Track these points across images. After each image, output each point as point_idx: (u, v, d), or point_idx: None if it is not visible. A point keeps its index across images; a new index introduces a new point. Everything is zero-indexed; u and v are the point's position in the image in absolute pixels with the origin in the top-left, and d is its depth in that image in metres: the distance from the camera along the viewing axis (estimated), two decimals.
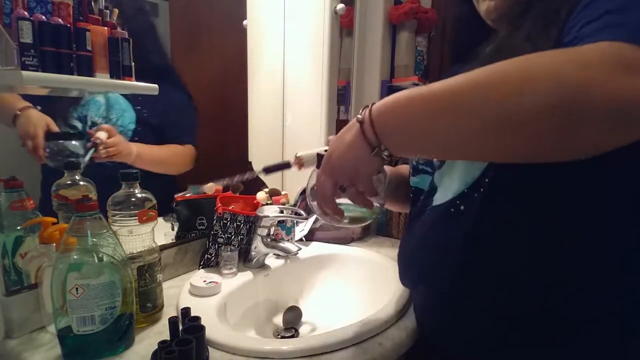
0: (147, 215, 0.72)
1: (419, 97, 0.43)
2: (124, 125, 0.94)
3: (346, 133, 0.48)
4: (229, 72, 1.31)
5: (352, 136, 0.47)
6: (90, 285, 0.60)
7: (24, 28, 0.65)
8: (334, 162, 0.49)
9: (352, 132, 0.47)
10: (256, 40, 1.25)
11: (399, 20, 1.38)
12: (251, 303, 0.93)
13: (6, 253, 0.73)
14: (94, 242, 0.61)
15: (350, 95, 1.38)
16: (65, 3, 0.71)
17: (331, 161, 0.49)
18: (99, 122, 0.89)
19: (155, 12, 1.08)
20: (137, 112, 0.96)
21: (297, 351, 0.66)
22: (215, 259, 0.97)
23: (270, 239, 0.99)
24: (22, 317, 0.69)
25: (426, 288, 0.65)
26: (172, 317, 0.60)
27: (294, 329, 0.91)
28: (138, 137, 0.96)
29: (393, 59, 1.46)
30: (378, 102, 0.46)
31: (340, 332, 0.70)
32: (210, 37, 1.28)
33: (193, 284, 0.85)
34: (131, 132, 0.95)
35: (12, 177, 0.74)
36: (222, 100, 1.32)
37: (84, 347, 0.62)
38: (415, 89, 0.43)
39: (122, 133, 0.93)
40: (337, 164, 0.49)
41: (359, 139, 0.46)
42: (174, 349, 0.55)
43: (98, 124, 0.89)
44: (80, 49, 0.72)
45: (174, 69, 1.10)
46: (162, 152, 1.03)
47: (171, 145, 1.05)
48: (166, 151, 1.04)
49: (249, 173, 0.57)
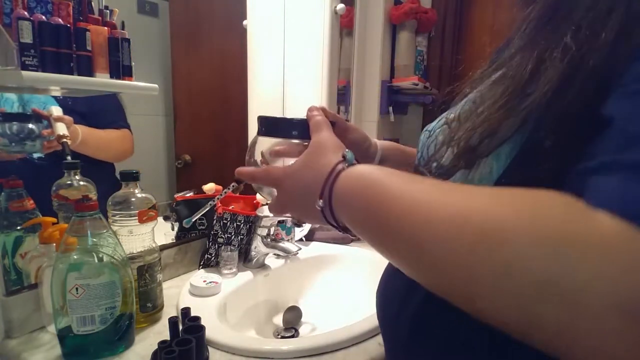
0: (147, 215, 0.72)
1: (383, 208, 0.32)
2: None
3: (304, 201, 0.42)
4: (229, 72, 1.31)
5: (311, 211, 0.41)
6: (90, 285, 0.60)
7: (24, 28, 0.65)
8: (288, 211, 0.46)
9: (313, 213, 0.41)
10: (256, 40, 1.25)
11: (399, 20, 1.38)
12: (251, 303, 0.93)
13: (6, 253, 0.73)
14: (94, 242, 0.61)
15: (350, 95, 1.38)
16: (65, 3, 0.71)
17: (285, 210, 0.46)
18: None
19: (155, 12, 1.08)
20: (59, 101, 0.89)
21: (297, 351, 0.66)
22: (215, 259, 0.97)
23: (270, 239, 0.99)
24: (22, 317, 0.69)
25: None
26: (172, 317, 0.61)
27: (294, 329, 0.91)
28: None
29: (393, 59, 1.46)
30: (343, 188, 0.37)
31: (340, 332, 0.70)
32: (210, 37, 1.28)
33: (193, 284, 0.85)
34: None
35: (13, 177, 0.74)
36: (222, 100, 1.32)
37: (84, 347, 0.62)
38: (383, 185, 0.33)
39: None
40: (291, 213, 0.46)
41: (318, 216, 0.41)
42: (174, 349, 0.55)
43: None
44: (80, 49, 0.72)
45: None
46: (106, 136, 0.98)
47: (111, 130, 1.00)
48: (109, 135, 0.99)
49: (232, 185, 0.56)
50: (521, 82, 0.34)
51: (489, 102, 0.37)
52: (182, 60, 1.17)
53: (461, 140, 0.37)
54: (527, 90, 0.33)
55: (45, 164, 0.83)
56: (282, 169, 0.45)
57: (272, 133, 0.51)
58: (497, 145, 0.34)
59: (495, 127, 0.34)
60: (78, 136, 0.88)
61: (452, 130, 0.42)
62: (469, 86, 0.53)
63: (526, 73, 0.34)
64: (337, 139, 0.45)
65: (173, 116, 1.17)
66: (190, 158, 1.21)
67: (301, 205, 0.44)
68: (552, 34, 0.33)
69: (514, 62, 0.37)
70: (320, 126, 0.46)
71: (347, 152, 0.40)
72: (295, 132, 0.49)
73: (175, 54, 1.14)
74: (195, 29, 1.24)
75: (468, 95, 0.48)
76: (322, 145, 0.44)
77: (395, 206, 0.31)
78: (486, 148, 0.35)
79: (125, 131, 1.03)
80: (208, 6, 1.26)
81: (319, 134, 0.45)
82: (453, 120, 0.46)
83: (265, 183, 0.48)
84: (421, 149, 0.52)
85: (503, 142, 0.33)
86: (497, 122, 0.34)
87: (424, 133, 0.53)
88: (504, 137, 0.33)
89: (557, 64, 0.31)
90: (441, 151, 0.45)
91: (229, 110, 1.33)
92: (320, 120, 0.47)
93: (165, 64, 1.14)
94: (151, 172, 1.12)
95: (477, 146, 0.35)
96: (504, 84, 0.36)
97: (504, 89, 0.35)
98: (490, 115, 0.35)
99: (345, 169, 0.38)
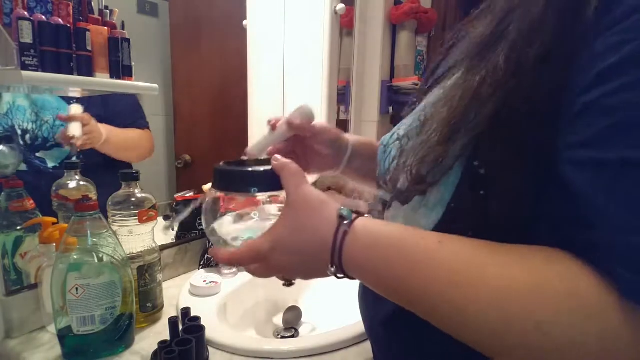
0: (147, 215, 0.72)
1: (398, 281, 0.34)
2: (63, 124, 0.86)
3: (303, 266, 0.40)
4: (229, 72, 1.31)
5: (314, 273, 0.40)
6: (90, 285, 0.60)
7: (24, 28, 0.65)
8: (282, 272, 0.42)
9: (316, 274, 0.40)
10: (256, 40, 1.25)
11: (399, 20, 1.38)
12: (251, 303, 0.93)
13: (6, 253, 0.73)
14: (94, 242, 0.61)
15: (350, 95, 1.38)
16: (65, 3, 0.71)
17: (275, 275, 0.43)
18: (30, 129, 0.82)
19: (155, 12, 1.08)
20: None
21: (297, 351, 0.66)
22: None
23: None
24: (22, 317, 0.69)
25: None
26: (172, 317, 0.61)
27: (294, 329, 0.91)
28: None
29: (393, 59, 1.46)
30: (354, 251, 0.36)
31: (340, 332, 0.70)
32: (210, 37, 1.28)
33: (193, 284, 0.85)
34: None
35: (13, 177, 0.74)
36: (222, 100, 1.32)
37: (84, 347, 0.62)
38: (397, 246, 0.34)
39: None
40: (286, 273, 0.43)
41: (323, 275, 0.39)
42: (174, 349, 0.55)
43: (30, 131, 0.82)
44: (80, 49, 0.72)
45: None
46: (130, 135, 0.97)
47: (133, 129, 0.99)
48: (132, 134, 0.99)
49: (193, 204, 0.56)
50: (459, 110, 0.35)
51: (433, 127, 0.38)
52: (182, 60, 1.17)
53: (412, 169, 0.38)
54: (467, 117, 0.34)
55: (60, 173, 0.82)
56: (265, 242, 0.39)
57: (228, 189, 0.44)
58: (442, 175, 0.36)
59: (439, 156, 0.36)
60: (101, 135, 0.87)
61: (404, 152, 0.44)
62: (418, 98, 0.54)
63: (463, 101, 0.35)
64: (318, 192, 0.40)
65: (173, 116, 1.18)
66: (190, 158, 1.21)
67: (300, 271, 0.41)
68: (487, 57, 0.34)
69: (451, 83, 0.39)
70: (295, 178, 0.41)
71: (342, 209, 0.38)
72: (254, 189, 0.42)
73: (175, 54, 1.14)
74: (195, 29, 1.24)
75: (415, 108, 0.49)
76: (308, 204, 0.39)
77: (420, 272, 0.33)
78: (433, 178, 0.36)
79: (147, 131, 1.02)
80: (208, 6, 1.26)
81: (297, 189, 0.40)
82: (403, 137, 0.47)
83: (250, 262, 0.41)
84: (379, 162, 0.53)
85: (447, 171, 0.35)
86: (441, 152, 0.36)
87: (380, 147, 0.53)
88: (448, 167, 0.35)
89: (489, 92, 0.32)
90: (395, 172, 0.46)
91: (229, 110, 1.33)
92: (294, 170, 0.41)
93: (165, 64, 1.14)
94: (151, 172, 1.12)
95: (426, 175, 0.37)
96: (447, 107, 0.37)
97: (446, 116, 0.36)
98: (435, 145, 0.36)
99: (348, 230, 0.36)
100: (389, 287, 0.36)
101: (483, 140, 0.33)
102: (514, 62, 0.31)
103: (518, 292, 0.29)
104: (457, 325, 0.32)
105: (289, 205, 0.40)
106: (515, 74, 0.31)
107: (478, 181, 0.33)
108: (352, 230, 0.36)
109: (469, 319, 0.30)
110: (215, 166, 0.45)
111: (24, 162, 0.80)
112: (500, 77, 0.32)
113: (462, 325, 0.31)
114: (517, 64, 0.31)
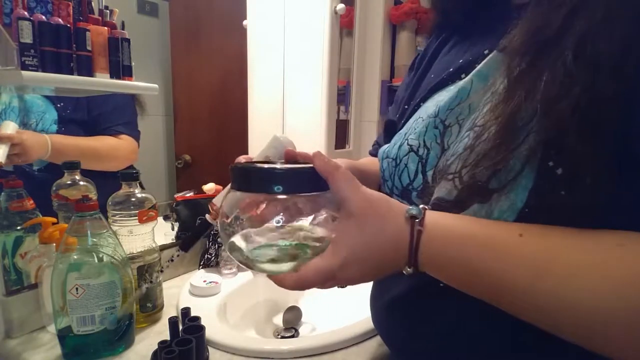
0: (147, 215, 0.72)
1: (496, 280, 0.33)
2: (44, 128, 0.84)
3: (377, 271, 0.38)
4: (229, 72, 1.31)
5: (385, 274, 0.38)
6: (90, 285, 0.60)
7: (24, 28, 0.65)
8: (351, 283, 0.39)
9: (385, 275, 0.38)
10: (256, 40, 1.25)
11: (399, 20, 1.38)
12: (251, 303, 0.93)
13: (6, 253, 0.73)
14: (94, 242, 0.61)
15: (350, 95, 1.38)
16: (65, 3, 0.71)
17: (348, 283, 0.39)
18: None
19: (155, 12, 1.08)
20: (58, 110, 0.86)
21: (297, 351, 0.66)
22: (215, 259, 0.97)
23: None
24: (22, 317, 0.69)
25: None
26: (172, 317, 0.60)
27: (294, 329, 0.91)
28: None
29: (393, 59, 1.46)
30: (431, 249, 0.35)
31: (340, 332, 0.70)
32: (210, 37, 1.28)
33: (193, 284, 0.85)
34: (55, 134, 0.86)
35: (12, 177, 0.74)
36: (222, 101, 1.32)
37: (84, 347, 0.62)
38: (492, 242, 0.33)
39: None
40: (355, 283, 0.39)
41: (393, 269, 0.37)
42: (174, 349, 0.55)
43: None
44: (80, 49, 0.72)
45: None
46: (89, 144, 0.90)
47: (102, 137, 0.92)
48: (94, 143, 0.91)
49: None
50: (524, 111, 0.33)
51: (484, 136, 0.36)
52: (182, 60, 1.17)
53: (463, 176, 0.37)
54: (531, 118, 0.33)
55: (44, 176, 0.81)
56: (335, 260, 0.36)
57: (248, 188, 0.39)
58: (510, 180, 0.34)
59: (502, 160, 0.34)
60: (42, 151, 0.81)
61: (442, 162, 0.42)
62: (411, 99, 0.53)
63: (529, 101, 0.33)
64: (378, 193, 0.38)
65: (173, 116, 1.18)
66: (190, 158, 1.21)
67: (370, 277, 0.39)
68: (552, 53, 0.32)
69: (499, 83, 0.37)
70: (352, 182, 0.37)
71: (411, 208, 0.36)
72: (277, 187, 0.37)
73: (175, 54, 1.14)
74: (195, 29, 1.24)
75: (422, 114, 0.47)
76: (374, 209, 0.36)
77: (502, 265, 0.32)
78: (499, 184, 0.35)
79: (123, 137, 0.95)
80: (208, 6, 1.26)
81: (358, 194, 0.37)
82: (419, 147, 0.45)
83: (320, 283, 0.37)
84: (389, 177, 0.50)
85: (516, 176, 0.34)
86: (503, 155, 0.34)
87: (386, 160, 0.51)
88: (516, 171, 0.33)
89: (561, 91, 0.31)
90: (419, 179, 0.45)
91: (229, 110, 1.33)
92: (348, 174, 0.37)
93: (165, 64, 1.14)
94: (151, 172, 1.12)
95: (487, 182, 0.35)
96: (504, 107, 0.35)
97: (506, 117, 0.34)
98: (492, 149, 0.35)
99: (422, 229, 0.35)
100: (470, 282, 0.35)
101: (558, 139, 0.31)
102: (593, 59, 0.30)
103: (608, 278, 0.29)
104: (549, 319, 0.32)
105: (352, 214, 0.36)
106: (595, 70, 0.30)
107: (558, 182, 0.32)
108: (426, 228, 0.35)
109: (560, 311, 0.30)
110: (231, 166, 0.40)
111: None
112: (583, 74, 0.30)
113: (554, 317, 0.31)
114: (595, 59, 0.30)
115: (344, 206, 0.37)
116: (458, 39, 0.51)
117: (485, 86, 0.40)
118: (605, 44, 0.29)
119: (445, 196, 0.39)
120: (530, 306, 0.32)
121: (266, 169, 0.38)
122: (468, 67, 0.44)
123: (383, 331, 0.53)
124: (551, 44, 0.32)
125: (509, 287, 0.32)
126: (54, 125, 0.86)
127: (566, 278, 0.30)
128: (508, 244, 0.33)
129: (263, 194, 0.39)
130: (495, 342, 0.41)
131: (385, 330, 0.52)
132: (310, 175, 0.37)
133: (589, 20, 0.31)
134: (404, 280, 0.45)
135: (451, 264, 0.35)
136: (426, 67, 0.55)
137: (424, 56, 0.58)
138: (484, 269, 0.33)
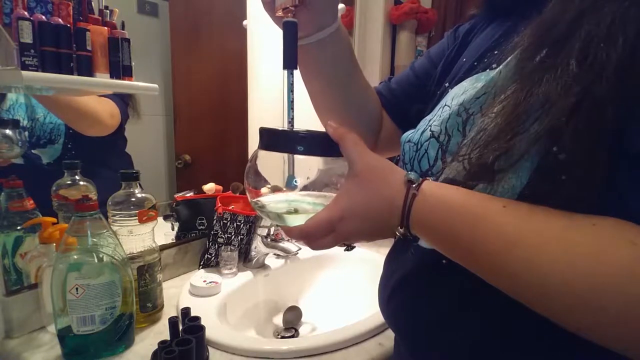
0: (147, 215, 0.72)
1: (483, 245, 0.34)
2: (53, 121, 0.86)
3: (374, 230, 0.41)
4: (229, 72, 1.31)
5: (381, 235, 0.41)
6: (90, 285, 0.60)
7: (24, 28, 0.65)
8: (349, 240, 0.42)
9: (382, 237, 0.41)
10: (256, 40, 1.25)
11: (399, 20, 1.38)
12: (251, 303, 0.93)
13: (6, 253, 0.73)
14: (94, 242, 0.61)
15: None
16: (65, 3, 0.71)
17: (346, 239, 0.42)
18: (28, 126, 0.83)
19: (155, 12, 1.08)
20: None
21: (297, 351, 0.66)
22: (215, 259, 0.97)
23: (270, 239, 0.99)
24: (22, 317, 0.69)
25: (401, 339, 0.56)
26: (172, 317, 0.61)
27: (294, 329, 0.91)
28: (72, 130, 0.87)
29: (393, 59, 1.46)
30: (422, 213, 0.38)
31: (340, 332, 0.70)
32: (210, 37, 1.28)
33: (193, 284, 0.85)
34: (64, 127, 0.87)
35: (13, 177, 0.74)
36: (222, 100, 1.32)
37: (84, 347, 0.62)
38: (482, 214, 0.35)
39: (55, 130, 0.86)
40: (353, 240, 0.43)
41: (388, 237, 0.41)
42: (174, 349, 0.55)
43: (27, 128, 0.82)
44: (80, 49, 0.72)
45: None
46: (78, 99, 0.87)
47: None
48: (78, 97, 0.88)
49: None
50: (535, 97, 0.34)
51: (494, 120, 0.37)
52: (182, 60, 1.17)
53: (472, 157, 0.38)
54: (541, 105, 0.33)
55: (54, 169, 0.81)
56: (335, 213, 0.40)
57: (275, 147, 0.45)
58: (515, 161, 0.35)
59: (507, 145, 0.35)
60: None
61: (460, 147, 0.43)
62: (440, 88, 0.53)
63: (541, 88, 0.34)
64: (382, 158, 0.42)
65: (173, 116, 1.17)
66: (190, 158, 1.21)
67: (366, 235, 0.42)
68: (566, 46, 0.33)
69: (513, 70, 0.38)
70: (358, 146, 0.41)
71: (410, 173, 0.39)
72: (300, 147, 0.43)
73: (175, 54, 1.14)
74: (195, 29, 1.24)
75: (448, 101, 0.48)
76: (375, 171, 0.40)
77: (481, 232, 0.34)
78: (504, 165, 0.36)
79: (103, 99, 0.92)
80: (208, 6, 1.26)
81: (363, 158, 0.41)
82: (440, 134, 0.46)
83: (322, 235, 0.41)
84: (409, 161, 0.51)
85: (520, 158, 0.35)
86: (511, 137, 0.35)
87: (408, 144, 0.52)
88: (520, 154, 0.34)
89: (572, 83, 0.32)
90: (438, 165, 0.46)
91: (229, 110, 1.33)
92: (356, 139, 0.42)
93: (165, 64, 1.13)
94: (151, 172, 1.12)
95: (493, 163, 0.36)
96: (518, 93, 0.36)
97: (516, 102, 0.35)
98: (501, 132, 0.36)
99: (417, 193, 0.38)
100: (452, 247, 0.37)
101: (564, 126, 0.32)
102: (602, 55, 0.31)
103: (582, 256, 0.30)
104: (522, 290, 0.33)
105: (357, 174, 0.40)
106: (603, 68, 0.30)
107: (559, 166, 0.33)
108: (421, 193, 0.37)
109: (532, 281, 0.32)
110: (261, 127, 0.46)
111: (21, 156, 0.80)
112: (585, 75, 0.31)
113: (526, 288, 0.33)
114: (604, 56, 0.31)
115: (351, 167, 0.41)
116: (499, 22, 0.51)
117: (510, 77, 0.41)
118: (611, 49, 0.30)
119: (455, 177, 0.41)
120: (505, 272, 0.33)
121: (291, 131, 0.45)
122: (496, 48, 0.45)
123: (390, 313, 0.54)
124: (558, 45, 0.33)
125: (485, 251, 0.34)
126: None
127: (538, 247, 0.31)
128: (489, 211, 0.34)
129: (287, 153, 0.44)
130: (495, 317, 0.42)
131: (393, 312, 0.53)
132: (328, 139, 0.42)
133: (596, 24, 0.31)
134: (410, 260, 0.48)
135: (438, 228, 0.37)
136: (460, 50, 0.55)
137: (470, 31, 0.57)
138: (465, 234, 0.35)
